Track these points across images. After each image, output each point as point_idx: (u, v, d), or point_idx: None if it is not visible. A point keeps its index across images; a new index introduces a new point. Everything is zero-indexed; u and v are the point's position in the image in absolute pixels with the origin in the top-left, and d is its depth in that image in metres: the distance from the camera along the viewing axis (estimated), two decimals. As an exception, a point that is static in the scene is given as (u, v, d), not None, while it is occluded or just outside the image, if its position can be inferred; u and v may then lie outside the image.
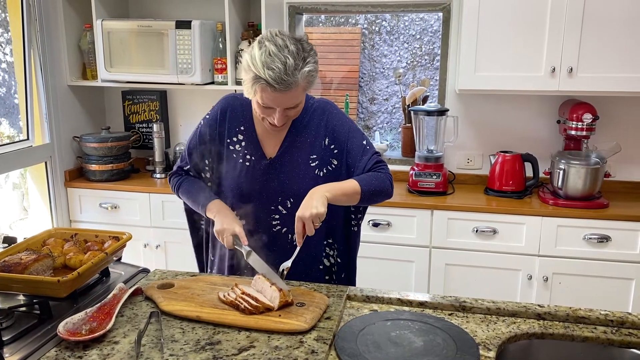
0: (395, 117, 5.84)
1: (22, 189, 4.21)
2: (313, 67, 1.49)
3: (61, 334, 1.27)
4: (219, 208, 1.65)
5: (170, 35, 2.89)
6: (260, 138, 1.68)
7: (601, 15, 2.51)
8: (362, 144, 1.67)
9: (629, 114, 2.86)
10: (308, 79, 1.50)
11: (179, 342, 1.29)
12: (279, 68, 1.42)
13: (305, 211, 1.45)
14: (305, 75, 1.47)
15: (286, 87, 1.45)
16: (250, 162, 1.66)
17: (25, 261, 1.46)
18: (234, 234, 1.57)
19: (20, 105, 3.02)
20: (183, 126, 3.41)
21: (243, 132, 1.68)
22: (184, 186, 1.75)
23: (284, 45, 1.45)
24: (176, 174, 1.80)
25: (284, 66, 1.43)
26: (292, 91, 1.47)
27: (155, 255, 3.04)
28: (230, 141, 1.68)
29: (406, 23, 5.63)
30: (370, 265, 2.75)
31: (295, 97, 1.50)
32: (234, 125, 1.68)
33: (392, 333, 1.33)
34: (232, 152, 1.68)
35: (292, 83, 1.45)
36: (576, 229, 2.56)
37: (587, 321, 1.42)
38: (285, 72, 1.43)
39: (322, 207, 1.46)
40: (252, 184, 1.65)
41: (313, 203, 1.46)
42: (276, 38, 1.47)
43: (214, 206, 1.65)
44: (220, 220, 1.61)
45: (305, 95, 1.58)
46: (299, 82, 1.46)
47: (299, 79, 1.46)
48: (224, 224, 1.59)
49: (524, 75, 2.64)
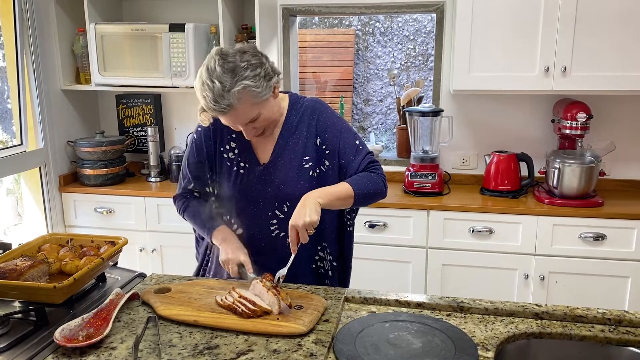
0: (390, 118, 5.84)
1: (16, 195, 4.19)
2: (249, 83, 1.43)
3: (58, 340, 1.26)
4: (224, 236, 1.64)
5: (164, 39, 2.89)
6: (252, 144, 1.67)
7: (594, 14, 2.52)
8: (355, 143, 1.65)
9: (623, 113, 2.87)
10: (249, 94, 1.45)
11: (176, 347, 1.28)
12: (209, 96, 1.43)
13: (298, 220, 1.45)
14: (238, 94, 1.43)
15: (222, 111, 1.45)
16: (245, 170, 1.66)
17: (21, 267, 1.44)
18: (239, 264, 1.58)
19: (13, 110, 3.00)
20: (178, 129, 3.40)
21: (235, 139, 1.67)
22: (189, 211, 1.74)
23: (213, 69, 1.44)
24: (180, 196, 1.79)
25: (212, 93, 1.43)
26: (233, 112, 1.46)
27: (151, 259, 3.02)
28: (223, 149, 1.68)
29: (399, 24, 5.64)
30: (366, 267, 2.75)
31: (244, 114, 1.48)
32: (225, 134, 1.67)
33: (390, 335, 1.33)
34: (227, 161, 1.68)
35: (227, 106, 1.44)
36: (572, 228, 2.57)
37: (585, 320, 1.42)
38: (214, 99, 1.43)
39: (315, 215, 1.45)
40: (248, 191, 1.65)
41: (306, 211, 1.45)
42: (211, 60, 1.46)
43: (219, 234, 1.65)
44: (225, 249, 1.61)
45: (265, 106, 1.51)
46: (233, 103, 1.44)
47: (232, 100, 1.43)
48: (229, 254, 1.59)
49: (518, 75, 2.65)
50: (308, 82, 5.88)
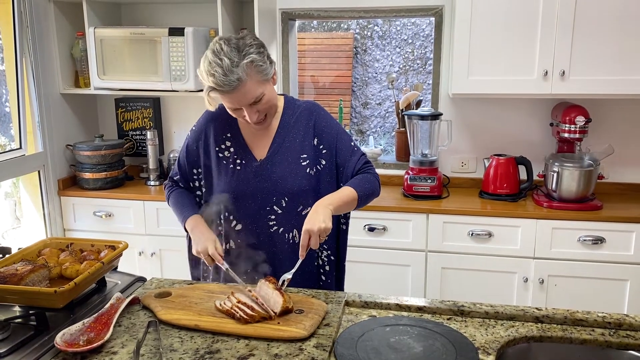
0: (388, 122, 5.86)
1: (15, 198, 4.18)
2: (255, 57, 1.52)
3: (58, 345, 1.25)
4: (193, 225, 1.69)
5: (163, 42, 2.89)
6: (248, 142, 1.71)
7: (592, 18, 2.53)
8: (351, 145, 1.73)
9: (622, 116, 2.88)
10: (255, 70, 1.53)
11: (177, 352, 1.28)
12: (218, 72, 1.49)
13: (313, 225, 1.48)
14: (246, 67, 1.50)
15: (231, 86, 1.50)
16: (241, 166, 1.69)
17: (21, 272, 1.44)
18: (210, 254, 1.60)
19: (12, 114, 3.00)
20: (177, 133, 3.40)
21: (230, 138, 1.72)
22: (172, 198, 1.81)
23: (219, 50, 1.51)
24: (168, 184, 1.87)
25: (222, 68, 1.49)
26: (242, 87, 1.51)
27: (150, 263, 3.02)
28: (218, 149, 1.72)
29: (398, 27, 5.65)
30: (366, 270, 2.75)
31: (251, 91, 1.53)
32: (219, 133, 1.72)
33: (391, 339, 1.33)
34: (222, 159, 1.71)
35: (236, 80, 1.49)
36: (571, 231, 2.57)
37: (585, 323, 1.42)
38: (224, 73, 1.49)
39: (330, 222, 1.50)
40: (245, 186, 1.68)
41: (320, 217, 1.49)
42: (215, 45, 1.53)
43: (190, 222, 1.70)
44: (195, 239, 1.65)
45: (267, 87, 1.59)
46: (242, 77, 1.50)
47: (241, 74, 1.50)
48: (198, 246, 1.63)
49: (517, 78, 2.66)
50: (307, 85, 5.90)
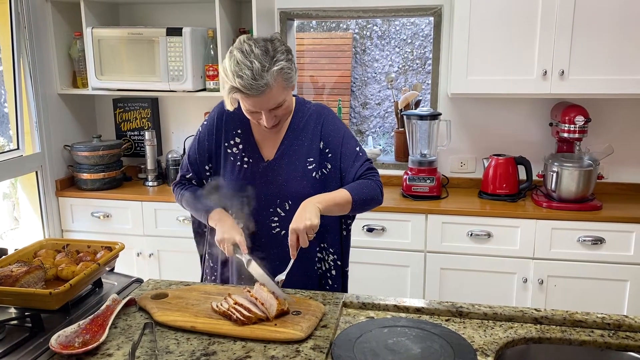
0: (387, 122, 5.85)
1: (13, 199, 4.17)
2: (285, 65, 1.50)
3: (53, 347, 1.25)
4: (219, 216, 1.65)
5: (161, 43, 2.88)
6: (257, 141, 1.70)
7: (592, 18, 2.52)
8: (355, 150, 1.70)
9: (621, 116, 2.88)
10: (283, 77, 1.51)
11: (173, 354, 1.27)
12: (247, 74, 1.45)
13: (299, 223, 1.46)
14: (276, 74, 1.48)
15: (259, 90, 1.47)
16: (248, 165, 1.68)
17: (16, 273, 1.43)
18: (234, 243, 1.57)
19: (10, 115, 2.99)
20: (175, 133, 3.39)
21: (240, 135, 1.71)
22: (187, 196, 1.76)
23: (249, 51, 1.47)
24: (179, 183, 1.82)
25: (251, 71, 1.45)
26: (268, 92, 1.49)
27: (148, 264, 3.01)
28: (227, 144, 1.71)
29: (397, 27, 5.64)
30: (365, 271, 2.74)
31: (275, 97, 1.52)
32: (230, 129, 1.71)
33: (389, 340, 1.32)
34: (230, 155, 1.70)
35: (264, 85, 1.47)
36: (570, 231, 2.56)
37: (584, 325, 1.42)
38: (254, 77, 1.45)
39: (316, 219, 1.47)
40: (250, 186, 1.67)
41: (306, 215, 1.47)
42: (243, 45, 1.50)
43: (215, 215, 1.67)
44: (221, 229, 1.61)
45: (289, 93, 1.58)
46: (270, 83, 1.47)
47: (269, 80, 1.47)
48: (225, 233, 1.59)
49: (516, 78, 2.65)
50: (306, 85, 5.89)
